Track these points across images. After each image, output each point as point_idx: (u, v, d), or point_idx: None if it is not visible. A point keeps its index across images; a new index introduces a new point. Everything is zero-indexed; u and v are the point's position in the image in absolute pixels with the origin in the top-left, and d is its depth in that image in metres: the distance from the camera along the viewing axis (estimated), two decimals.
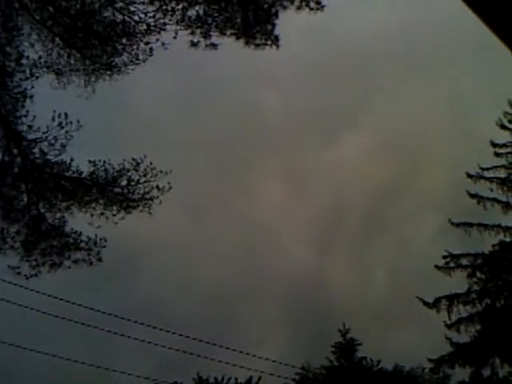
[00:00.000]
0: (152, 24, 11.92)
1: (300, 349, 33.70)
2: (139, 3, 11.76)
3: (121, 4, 11.80)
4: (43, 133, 11.94)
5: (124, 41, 12.17)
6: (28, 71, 11.96)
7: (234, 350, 24.12)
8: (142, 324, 19.81)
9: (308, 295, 34.62)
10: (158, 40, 12.09)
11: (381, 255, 39.65)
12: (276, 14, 12.79)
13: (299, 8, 12.65)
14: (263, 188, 36.01)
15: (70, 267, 12.04)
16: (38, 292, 14.96)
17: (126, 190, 12.22)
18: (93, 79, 12.64)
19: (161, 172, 12.39)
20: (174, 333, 20.51)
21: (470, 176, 30.81)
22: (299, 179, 37.59)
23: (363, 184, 38.22)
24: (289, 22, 12.40)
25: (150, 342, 21.06)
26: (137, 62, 12.38)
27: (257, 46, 12.78)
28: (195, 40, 12.48)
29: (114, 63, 12.54)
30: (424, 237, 31.28)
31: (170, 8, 11.94)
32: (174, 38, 11.97)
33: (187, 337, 21.16)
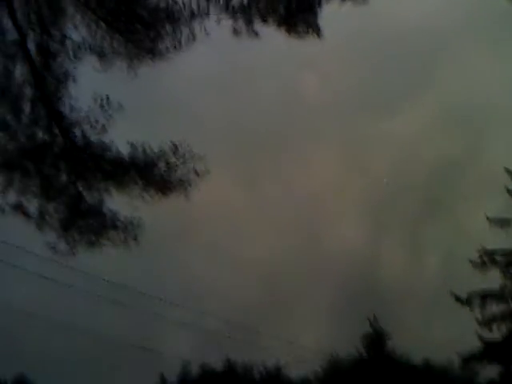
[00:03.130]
0: (195, 10, 12.02)
1: (338, 335, 33.71)
2: None
3: None
4: (84, 114, 12.17)
5: (167, 26, 12.28)
6: (71, 53, 12.19)
7: (263, 333, 24.33)
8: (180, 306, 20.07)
9: (356, 276, 34.45)
10: (201, 27, 12.20)
11: (435, 238, 38.91)
12: (319, 3, 12.79)
13: (343, 0, 12.63)
14: (318, 159, 35.64)
15: (106, 246, 12.28)
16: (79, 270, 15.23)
17: (164, 173, 12.39)
18: (135, 63, 12.80)
19: (199, 156, 12.51)
20: (213, 317, 20.74)
21: (508, 172, 30.42)
22: (356, 151, 37.11)
23: (422, 160, 37.34)
24: None
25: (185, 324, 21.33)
26: (179, 47, 12.49)
27: (299, 34, 12.80)
28: (237, 27, 12.56)
29: (156, 48, 12.68)
30: (483, 221, 30.28)
31: None
32: (218, 24, 12.06)
33: (224, 321, 21.43)
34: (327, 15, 12.91)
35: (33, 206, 12.19)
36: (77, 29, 12.43)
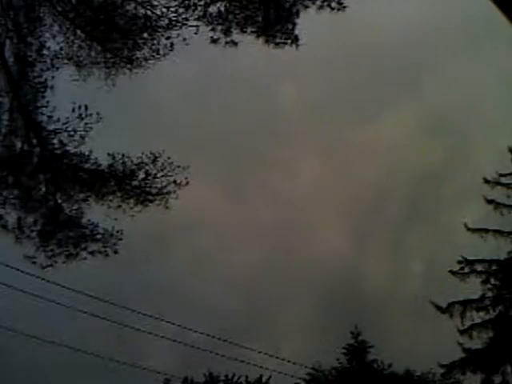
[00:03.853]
0: (174, 19, 12.01)
1: (320, 345, 33.42)
2: None
3: (143, 3, 11.87)
4: (63, 124, 12.04)
5: (145, 35, 12.25)
6: (49, 62, 12.08)
7: (246, 348, 24.20)
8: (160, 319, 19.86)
9: (339, 284, 34.17)
10: (179, 35, 12.18)
11: (419, 244, 38.69)
12: (297, 13, 12.84)
13: (321, 7, 12.70)
14: (301, 166, 35.39)
15: (85, 258, 12.13)
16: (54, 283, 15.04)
17: (143, 184, 12.29)
18: (113, 72, 12.73)
19: (178, 167, 12.42)
20: (190, 329, 20.61)
21: (486, 181, 30.63)
22: (339, 158, 36.86)
23: (405, 166, 37.17)
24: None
25: (163, 337, 21.18)
26: (157, 56, 12.46)
27: (277, 44, 12.83)
28: (216, 36, 12.57)
29: (134, 57, 12.63)
30: (470, 225, 30.27)
31: (191, 3, 12.02)
32: (195, 33, 12.05)
33: (201, 333, 21.26)
34: (305, 24, 13.00)
35: (11, 217, 12.03)
36: (54, 38, 12.37)
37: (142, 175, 12.30)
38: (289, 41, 12.83)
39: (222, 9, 12.36)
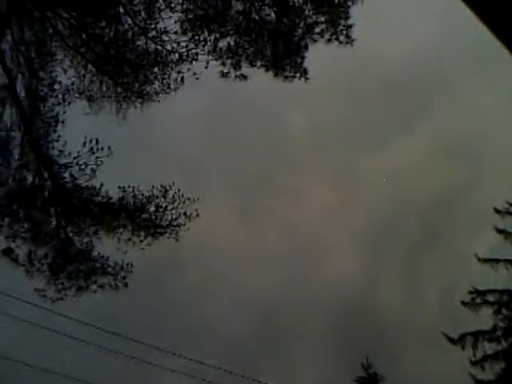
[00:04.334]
0: (184, 54, 12.15)
1: (332, 375, 33.07)
2: (172, 33, 12.00)
3: (154, 33, 12.02)
4: (74, 158, 12.13)
5: (156, 69, 12.39)
6: (60, 96, 12.21)
7: (257, 381, 24.00)
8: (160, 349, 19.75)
9: (351, 311, 33.84)
10: (189, 69, 12.32)
11: (433, 272, 38.35)
12: (306, 47, 12.97)
13: (329, 41, 12.83)
14: (312, 193, 35.28)
15: (95, 291, 12.13)
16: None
17: (153, 217, 12.32)
18: (124, 106, 12.86)
19: (189, 199, 12.47)
20: (201, 362, 20.52)
21: (497, 211, 30.54)
22: (350, 185, 36.74)
23: (417, 192, 36.99)
24: None
25: (174, 371, 21.06)
26: (168, 90, 12.58)
27: (286, 78, 12.94)
28: (225, 70, 12.69)
29: (145, 91, 12.76)
30: (482, 254, 30.22)
31: (201, 38, 12.17)
32: (206, 68, 12.18)
33: (202, 363, 21.14)
34: (314, 56, 13.12)
35: (22, 251, 12.06)
36: (66, 72, 12.52)
37: (152, 208, 12.34)
38: (298, 74, 12.95)
39: (232, 43, 12.51)
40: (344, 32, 12.68)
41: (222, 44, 12.43)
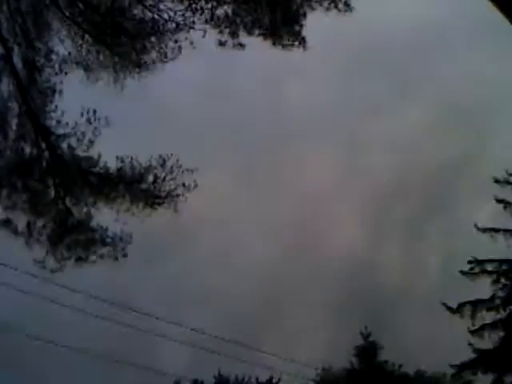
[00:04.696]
0: (181, 22, 12.05)
1: (332, 345, 33.32)
2: (168, 1, 11.89)
3: (150, 2, 11.92)
4: (71, 128, 12.07)
5: (153, 39, 12.29)
6: (57, 67, 12.13)
7: (256, 349, 24.23)
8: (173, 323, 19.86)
9: (353, 281, 33.92)
10: (186, 38, 12.22)
11: (435, 240, 38.38)
12: (304, 15, 12.84)
13: (328, 9, 12.71)
14: (316, 162, 35.06)
15: (95, 262, 12.17)
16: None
17: (152, 187, 12.31)
18: (122, 76, 12.77)
19: (187, 170, 12.44)
20: (201, 332, 20.65)
21: (497, 181, 30.57)
22: (354, 152, 36.49)
23: (421, 160, 36.73)
24: None
25: (174, 340, 21.24)
26: (165, 59, 12.49)
27: (284, 46, 12.84)
28: (223, 39, 12.59)
29: (142, 60, 12.67)
30: (484, 222, 30.21)
31: (198, 7, 12.05)
32: (203, 37, 12.09)
33: (211, 335, 21.30)
34: (313, 24, 13.01)
35: (20, 221, 12.08)
36: (62, 42, 12.42)
37: (150, 178, 12.32)
38: (296, 42, 12.85)
39: (229, 12, 12.40)
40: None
41: (220, 12, 12.32)
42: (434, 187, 37.30)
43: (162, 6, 11.95)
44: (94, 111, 12.06)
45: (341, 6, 12.58)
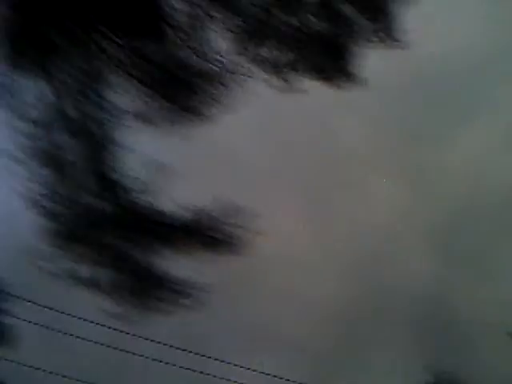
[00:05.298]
0: (238, 70, 12.28)
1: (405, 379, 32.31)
2: (225, 51, 12.13)
3: (213, 55, 12.16)
4: (134, 178, 12.35)
5: (209, 86, 12.49)
6: (118, 120, 12.43)
7: None
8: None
9: (426, 314, 32.99)
10: (244, 85, 12.44)
11: (504, 269, 37.17)
12: (357, 54, 12.95)
13: (385, 47, 12.80)
14: (381, 193, 34.60)
15: (173, 312, 12.32)
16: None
17: (222, 234, 12.47)
18: (181, 125, 12.99)
19: (255, 215, 12.57)
20: (268, 374, 20.47)
21: None
22: (418, 181, 35.82)
23: (488, 183, 35.84)
24: None
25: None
26: (222, 106, 12.68)
27: (340, 86, 12.95)
28: (283, 85, 12.76)
29: (199, 108, 12.87)
30: None
31: (255, 54, 12.29)
32: (264, 83, 12.31)
33: (281, 378, 21.02)
34: (370, 61, 13.10)
35: (91, 274, 12.34)
36: (121, 95, 12.72)
37: (220, 226, 12.47)
38: (355, 82, 12.95)
39: (291, 58, 12.61)
40: (396, 35, 12.68)
41: (281, 59, 12.55)
42: (501, 216, 36.35)
43: (218, 57, 12.21)
44: (155, 160, 12.30)
45: (391, 41, 12.70)
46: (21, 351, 17.27)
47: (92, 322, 14.78)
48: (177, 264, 12.52)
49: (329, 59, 13.01)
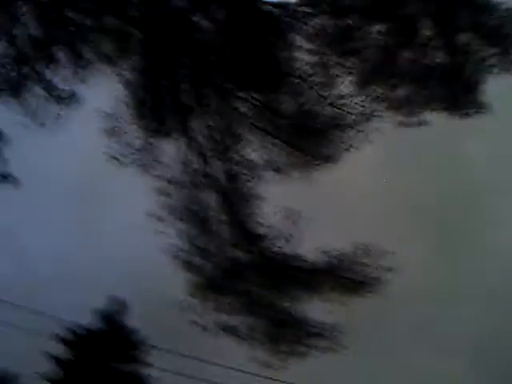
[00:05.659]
0: (363, 112, 12.42)
1: None
2: (349, 96, 12.32)
3: (333, 99, 12.39)
4: (272, 228, 12.67)
5: (338, 132, 12.70)
6: (253, 173, 12.83)
7: None
8: None
9: None
10: (369, 125, 12.55)
11: None
12: (481, 81, 12.77)
13: (503, 69, 12.57)
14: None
15: (316, 356, 12.43)
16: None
17: (358, 276, 12.52)
18: (309, 171, 13.22)
19: (388, 252, 12.55)
20: None
21: None
22: None
23: None
24: None
25: None
26: (351, 148, 12.83)
27: (465, 115, 12.78)
28: (403, 120, 12.76)
29: (328, 153, 13.08)
30: None
31: (378, 94, 12.39)
32: (387, 122, 12.39)
33: None
34: (493, 87, 12.88)
35: (238, 323, 12.66)
36: (252, 149, 13.14)
37: (355, 267, 12.54)
38: (477, 109, 12.77)
39: (406, 92, 12.61)
40: None
41: (399, 94, 12.59)
42: None
43: (343, 101, 12.40)
44: (292, 208, 12.56)
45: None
46: None
47: (236, 369, 15.09)
48: (314, 307, 12.65)
49: (451, 89, 12.88)
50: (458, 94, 12.80)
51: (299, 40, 12.42)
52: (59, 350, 21.83)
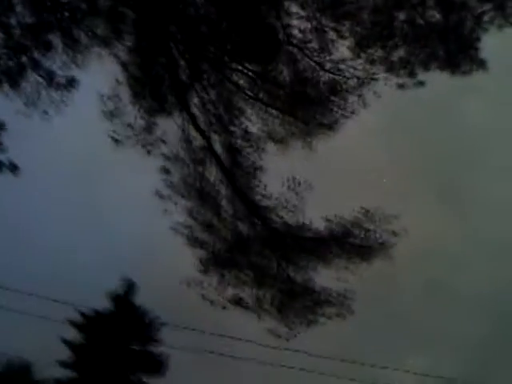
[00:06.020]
0: (361, 76, 12.31)
1: None
2: (347, 60, 12.20)
3: (330, 65, 12.27)
4: (276, 199, 12.63)
5: (337, 98, 12.59)
6: (254, 145, 12.78)
7: None
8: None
9: None
10: (369, 89, 12.44)
11: None
12: (478, 38, 12.63)
13: (501, 26, 12.41)
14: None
15: (324, 323, 12.45)
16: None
17: (362, 241, 12.49)
18: (309, 140, 13.16)
19: (392, 216, 12.50)
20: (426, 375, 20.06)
21: None
22: None
23: None
24: None
25: None
26: (351, 114, 12.74)
27: (464, 73, 12.65)
28: (401, 81, 12.65)
29: (328, 121, 13.00)
30: None
31: (375, 57, 12.26)
32: (385, 84, 12.26)
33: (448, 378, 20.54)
34: (487, 43, 12.74)
35: (247, 295, 12.68)
36: (252, 121, 13.06)
37: (360, 233, 12.50)
38: (475, 66, 12.64)
39: (406, 54, 12.48)
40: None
41: (395, 56, 12.45)
42: None
43: (341, 66, 12.28)
44: (293, 178, 12.51)
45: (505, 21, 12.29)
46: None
47: (248, 341, 15.18)
48: (321, 274, 12.65)
49: (448, 48, 12.72)
50: (456, 52, 12.67)
51: (293, 7, 12.29)
52: (73, 334, 22.10)
